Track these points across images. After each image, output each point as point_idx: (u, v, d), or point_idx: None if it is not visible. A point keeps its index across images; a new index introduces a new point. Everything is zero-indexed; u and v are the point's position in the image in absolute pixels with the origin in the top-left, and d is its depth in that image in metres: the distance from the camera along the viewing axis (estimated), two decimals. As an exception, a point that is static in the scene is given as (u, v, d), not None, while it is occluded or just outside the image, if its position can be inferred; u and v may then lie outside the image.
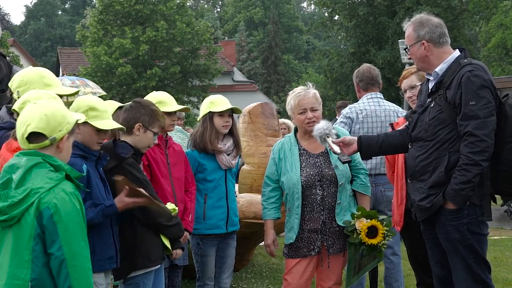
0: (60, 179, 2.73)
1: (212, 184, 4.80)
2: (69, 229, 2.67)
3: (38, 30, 59.27)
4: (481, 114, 3.62)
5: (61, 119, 2.78)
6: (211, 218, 4.77)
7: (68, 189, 2.72)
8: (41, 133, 2.75)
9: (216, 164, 4.80)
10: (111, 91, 26.39)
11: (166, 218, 3.91)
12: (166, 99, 4.60)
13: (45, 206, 2.64)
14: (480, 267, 3.78)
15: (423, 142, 3.85)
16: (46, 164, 2.74)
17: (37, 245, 2.66)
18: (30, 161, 2.72)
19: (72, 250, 2.66)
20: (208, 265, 4.82)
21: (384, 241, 4.21)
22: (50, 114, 2.75)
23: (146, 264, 3.81)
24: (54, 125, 2.75)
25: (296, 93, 4.40)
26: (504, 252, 8.98)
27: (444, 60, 3.87)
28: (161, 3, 27.72)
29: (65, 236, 2.65)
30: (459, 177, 3.64)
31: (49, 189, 2.67)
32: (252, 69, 48.14)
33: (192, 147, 4.85)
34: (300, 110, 4.34)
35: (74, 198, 2.72)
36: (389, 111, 5.54)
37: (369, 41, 25.29)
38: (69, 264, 2.65)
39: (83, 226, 2.75)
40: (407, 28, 3.99)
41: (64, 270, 2.65)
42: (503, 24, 27.63)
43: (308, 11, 68.55)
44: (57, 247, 2.64)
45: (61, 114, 2.80)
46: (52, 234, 2.65)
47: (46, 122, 2.74)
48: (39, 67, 3.78)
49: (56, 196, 2.66)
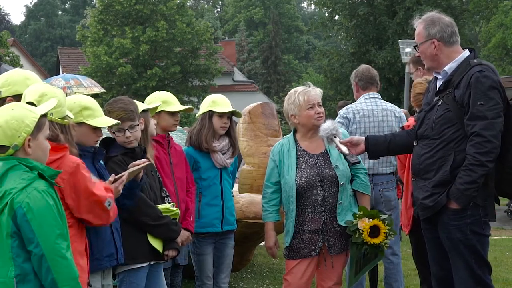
0: (33, 178, 2.77)
1: (206, 183, 4.80)
2: (43, 225, 2.72)
3: (38, 30, 59.25)
4: (489, 115, 3.61)
5: (17, 125, 2.77)
6: (205, 216, 4.77)
7: (40, 187, 2.76)
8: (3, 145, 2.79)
9: (211, 162, 4.80)
10: (111, 91, 26.37)
11: (151, 218, 3.90)
12: (169, 99, 4.62)
13: (18, 205, 2.70)
14: (481, 268, 3.77)
15: (429, 140, 3.84)
16: (22, 166, 2.78)
17: (15, 242, 2.72)
18: (6, 165, 2.78)
19: (49, 244, 2.72)
20: (205, 264, 4.81)
21: (386, 240, 4.22)
22: (4, 124, 2.76)
23: (125, 261, 3.75)
24: (11, 134, 2.77)
25: (303, 89, 4.40)
26: (504, 252, 8.98)
27: (454, 59, 3.85)
28: (161, 3, 27.72)
29: (41, 232, 2.71)
30: (464, 177, 3.63)
31: (22, 189, 2.72)
32: (252, 69, 48.13)
33: (188, 144, 4.86)
34: (309, 105, 4.33)
35: (47, 195, 2.76)
36: (386, 111, 5.53)
37: (369, 41, 25.28)
38: (49, 258, 2.71)
39: (58, 221, 2.79)
40: (418, 25, 3.96)
41: (45, 264, 2.71)
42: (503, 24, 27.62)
43: (308, 11, 68.54)
44: (35, 244, 2.70)
45: (16, 119, 2.78)
46: (27, 232, 2.71)
47: (2, 133, 2.76)
48: (26, 70, 3.74)
49: (28, 195, 2.72)
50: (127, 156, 3.93)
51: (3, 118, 2.79)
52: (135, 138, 3.97)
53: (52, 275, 2.71)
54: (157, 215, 3.94)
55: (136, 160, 3.97)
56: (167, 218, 4.01)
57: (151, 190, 4.03)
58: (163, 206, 4.03)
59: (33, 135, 2.82)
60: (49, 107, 2.98)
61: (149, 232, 3.94)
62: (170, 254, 4.10)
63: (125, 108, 3.93)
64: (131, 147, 3.96)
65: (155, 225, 3.93)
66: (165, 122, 4.60)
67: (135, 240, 3.86)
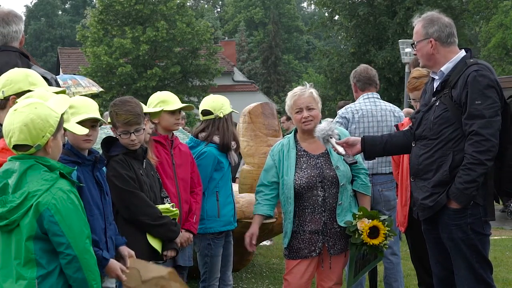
0: (55, 179, 2.75)
1: (224, 181, 4.89)
2: (72, 226, 2.72)
3: (38, 30, 59.24)
4: (486, 114, 3.62)
5: (42, 125, 2.74)
6: (224, 215, 4.83)
7: (64, 187, 2.76)
8: (25, 144, 2.75)
9: (228, 161, 4.91)
10: (111, 91, 26.41)
11: (151, 218, 3.91)
12: (168, 98, 4.59)
13: (45, 207, 2.68)
14: (482, 267, 3.78)
15: (427, 140, 3.85)
16: (40, 165, 2.76)
17: (39, 245, 2.71)
18: (24, 165, 2.75)
19: (80, 245, 2.74)
20: (217, 266, 4.86)
21: (385, 241, 4.22)
22: (30, 123, 2.73)
23: None
24: (36, 133, 2.74)
25: (292, 93, 4.42)
26: (504, 252, 8.98)
27: (450, 59, 3.86)
28: (161, 3, 27.72)
29: (71, 234, 2.72)
30: (464, 176, 3.64)
31: (46, 190, 2.70)
32: (252, 69, 48.13)
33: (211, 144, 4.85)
34: (296, 109, 4.35)
35: (72, 195, 2.77)
36: (385, 110, 5.54)
37: (369, 41, 25.30)
38: (80, 258, 2.74)
39: (84, 219, 2.81)
40: (417, 23, 3.98)
41: (76, 264, 2.73)
42: (503, 24, 27.58)
43: (308, 11, 68.56)
44: (65, 246, 2.71)
45: (42, 119, 2.75)
46: (57, 234, 2.70)
47: (27, 132, 2.73)
48: (24, 68, 3.69)
49: (54, 196, 2.70)
50: (128, 155, 3.94)
51: (29, 117, 2.74)
52: (139, 141, 3.98)
53: (83, 275, 2.75)
54: (157, 215, 3.95)
55: (138, 160, 3.98)
56: (166, 218, 4.01)
57: (151, 190, 4.03)
58: (163, 206, 4.04)
59: (54, 134, 2.80)
60: (66, 105, 2.95)
61: (148, 232, 3.95)
62: (169, 255, 4.11)
63: (133, 112, 3.92)
64: (134, 149, 3.97)
65: (154, 225, 3.93)
66: (166, 121, 4.58)
67: (134, 239, 3.86)
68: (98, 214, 3.46)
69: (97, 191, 3.49)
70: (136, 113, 3.93)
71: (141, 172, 3.98)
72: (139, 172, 3.96)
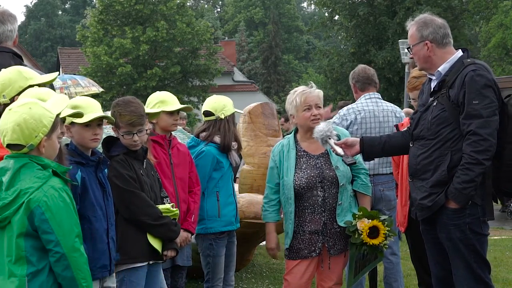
0: (48, 177, 2.76)
1: (224, 181, 4.89)
2: (62, 224, 2.73)
3: (38, 30, 59.24)
4: (484, 113, 3.63)
5: (35, 125, 2.75)
6: (225, 215, 4.83)
7: (57, 185, 2.76)
8: (18, 143, 2.76)
9: (228, 161, 4.90)
10: (111, 91, 26.40)
11: (152, 218, 3.91)
12: (167, 98, 4.58)
13: (36, 204, 2.70)
14: (480, 267, 3.78)
15: (425, 140, 3.85)
16: (34, 164, 2.77)
17: (30, 242, 2.72)
18: (18, 163, 2.76)
19: (69, 243, 2.74)
20: (220, 266, 4.86)
21: (385, 241, 4.21)
22: (22, 123, 2.73)
23: (125, 261, 3.79)
24: (29, 133, 2.74)
25: (301, 90, 4.39)
26: (504, 252, 8.98)
27: (447, 60, 3.87)
28: (161, 3, 27.70)
29: (60, 232, 2.72)
30: (462, 176, 3.64)
31: (38, 188, 2.71)
32: (252, 69, 48.13)
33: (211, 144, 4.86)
34: (305, 106, 4.33)
35: (64, 193, 2.77)
36: (387, 111, 5.54)
37: (369, 41, 25.30)
38: (69, 256, 2.74)
39: (75, 218, 2.80)
40: (411, 27, 3.98)
41: (65, 262, 2.73)
42: (503, 24, 27.58)
43: (308, 11, 68.54)
44: (54, 243, 2.71)
45: (35, 119, 2.75)
46: (46, 232, 2.71)
47: (20, 132, 2.74)
48: (13, 66, 3.64)
49: (45, 194, 2.71)
50: (129, 155, 3.94)
51: (22, 116, 2.74)
52: (141, 141, 3.99)
53: (71, 273, 2.74)
54: (158, 215, 3.95)
55: (138, 160, 3.98)
56: (167, 218, 4.01)
57: (152, 190, 4.04)
58: (163, 206, 4.04)
59: (48, 135, 2.80)
60: (63, 105, 2.94)
61: (149, 232, 3.95)
62: (169, 254, 4.10)
63: (137, 113, 3.94)
64: (136, 149, 3.97)
65: (155, 225, 3.94)
66: (164, 122, 4.58)
67: (135, 239, 3.87)
68: (101, 214, 3.47)
69: (100, 192, 3.50)
70: (140, 114, 3.95)
71: (141, 172, 3.99)
72: (139, 172, 3.96)
